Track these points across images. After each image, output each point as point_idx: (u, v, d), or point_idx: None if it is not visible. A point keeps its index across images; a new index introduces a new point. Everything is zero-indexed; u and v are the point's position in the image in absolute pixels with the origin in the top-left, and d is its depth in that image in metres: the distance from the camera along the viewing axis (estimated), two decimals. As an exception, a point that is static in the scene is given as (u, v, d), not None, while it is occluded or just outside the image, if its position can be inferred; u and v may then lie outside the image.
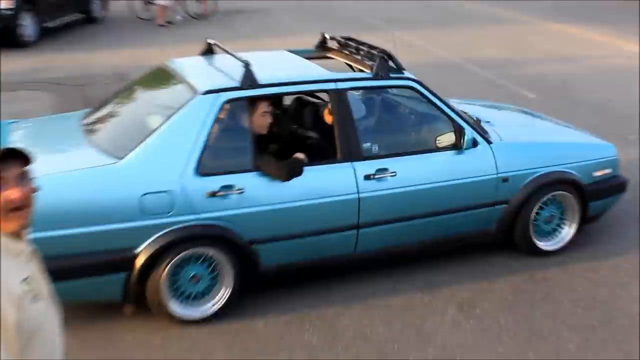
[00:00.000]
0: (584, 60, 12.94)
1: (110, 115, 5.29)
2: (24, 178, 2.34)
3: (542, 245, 5.69)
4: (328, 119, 5.27)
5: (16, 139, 5.06)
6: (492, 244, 5.65)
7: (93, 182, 4.43)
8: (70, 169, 4.50)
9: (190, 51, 6.07)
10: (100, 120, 5.22)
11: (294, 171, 4.76)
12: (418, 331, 4.73)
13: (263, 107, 4.95)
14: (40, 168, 4.41)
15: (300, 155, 4.93)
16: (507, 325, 4.81)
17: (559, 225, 5.75)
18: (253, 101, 4.88)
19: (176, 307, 4.67)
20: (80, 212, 4.33)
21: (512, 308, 5.02)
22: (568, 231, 5.75)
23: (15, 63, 11.79)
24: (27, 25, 13.10)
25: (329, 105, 5.17)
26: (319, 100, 5.82)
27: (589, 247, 5.88)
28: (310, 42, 6.24)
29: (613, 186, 5.94)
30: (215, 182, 4.58)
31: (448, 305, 5.04)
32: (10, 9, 12.53)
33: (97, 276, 4.42)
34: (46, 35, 13.84)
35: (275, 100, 5.35)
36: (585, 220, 5.80)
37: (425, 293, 5.18)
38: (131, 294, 4.54)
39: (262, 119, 4.95)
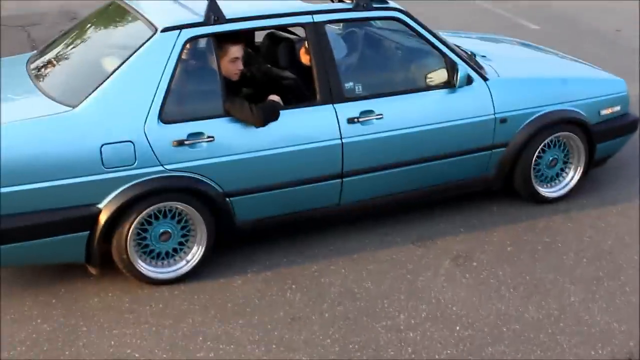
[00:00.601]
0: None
1: (60, 57, 5.34)
2: None
3: (545, 191, 5.87)
4: (305, 58, 5.36)
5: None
6: (490, 191, 5.82)
7: (45, 132, 4.52)
8: (19, 119, 4.58)
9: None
10: (49, 63, 5.28)
11: (270, 115, 4.87)
12: (410, 287, 4.92)
13: (233, 51, 5.02)
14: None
15: (275, 98, 5.03)
16: (506, 279, 5.01)
17: (562, 170, 5.93)
18: (220, 41, 4.96)
19: (146, 267, 4.83)
20: (33, 165, 4.44)
21: (511, 260, 5.21)
22: (573, 176, 5.94)
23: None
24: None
25: (306, 42, 5.27)
26: (294, 36, 5.90)
27: (596, 193, 6.07)
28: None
29: (622, 125, 6.09)
30: (182, 130, 4.69)
31: (442, 258, 5.23)
32: None
33: (56, 236, 4.54)
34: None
35: (247, 40, 5.40)
36: (591, 164, 5.98)
37: (417, 245, 5.37)
38: (95, 254, 4.68)
39: (232, 66, 5.03)
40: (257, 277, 5.01)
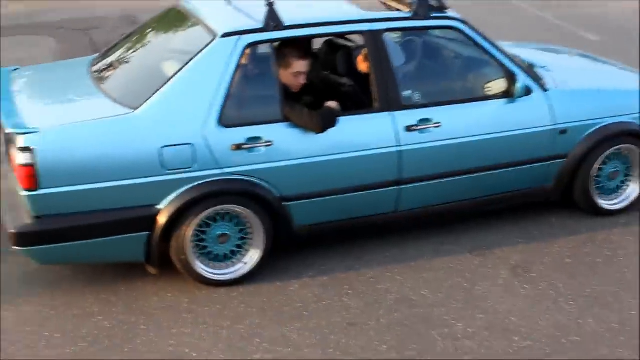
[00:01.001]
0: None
1: (122, 61, 5.43)
2: None
3: (605, 203, 5.81)
4: (363, 65, 5.38)
5: (19, 88, 5.25)
6: (549, 202, 5.78)
7: (106, 133, 4.61)
8: (81, 120, 4.67)
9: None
10: (111, 66, 5.37)
11: (328, 122, 4.90)
12: (467, 296, 4.90)
13: (298, 66, 5.07)
14: (48, 119, 4.66)
15: (332, 104, 5.05)
16: (565, 291, 4.96)
17: (623, 182, 5.86)
18: (285, 54, 5.01)
19: (204, 269, 4.88)
20: (95, 166, 4.53)
21: (571, 272, 5.17)
22: (634, 189, 5.86)
23: (10, 5, 11.97)
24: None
25: (364, 50, 5.29)
26: (352, 44, 5.92)
27: (657, 206, 6.00)
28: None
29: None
30: (241, 134, 4.75)
31: (500, 268, 5.20)
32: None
33: (117, 235, 4.63)
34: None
35: (309, 55, 5.43)
36: (653, 177, 5.90)
37: (475, 255, 5.35)
38: (154, 254, 4.75)
39: (294, 79, 5.09)
40: (314, 281, 5.04)
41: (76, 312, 4.72)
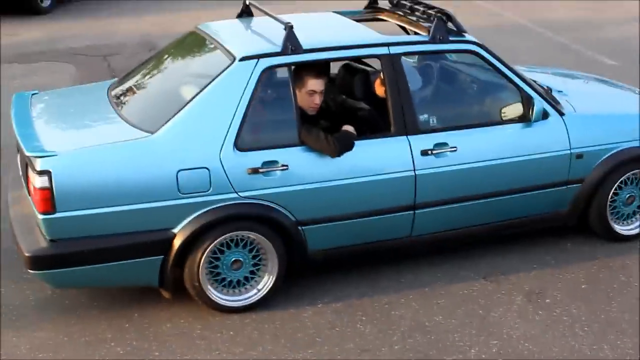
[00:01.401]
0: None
1: (140, 85, 5.46)
2: None
3: (621, 229, 5.77)
4: (380, 90, 5.37)
5: (37, 113, 5.28)
6: (564, 227, 5.74)
7: (124, 157, 4.62)
8: (99, 144, 4.68)
9: (223, 16, 6.21)
10: (129, 91, 5.39)
11: (345, 146, 4.90)
12: (481, 322, 4.86)
13: (311, 84, 5.05)
14: (65, 143, 4.69)
15: (348, 128, 5.05)
16: (580, 317, 4.92)
17: (639, 208, 5.81)
18: (300, 72, 5.01)
19: (216, 295, 4.87)
20: (111, 189, 4.53)
21: (586, 298, 5.12)
22: (650, 214, 5.83)
23: (31, 32, 12.15)
24: (42, -10, 13.44)
25: (381, 74, 5.28)
26: (369, 68, 5.93)
27: (674, 232, 5.93)
28: (360, 3, 6.35)
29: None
30: (257, 158, 4.74)
31: (515, 293, 5.16)
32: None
33: (131, 259, 4.63)
34: (63, 1, 14.12)
35: (325, 74, 5.44)
36: (670, 202, 5.86)
37: (490, 280, 5.32)
38: (168, 279, 4.75)
39: (308, 98, 5.06)
40: (327, 307, 5.01)
41: (89, 339, 4.71)
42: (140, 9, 13.92)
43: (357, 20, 5.73)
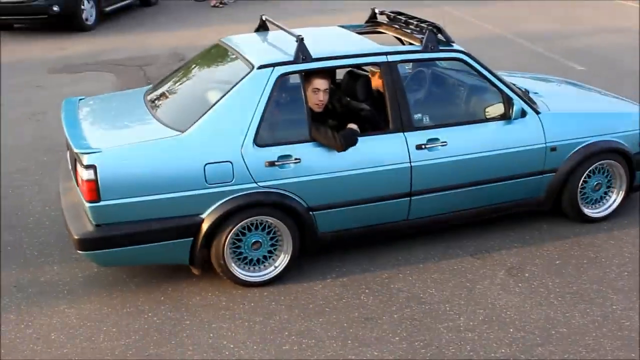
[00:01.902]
0: (633, 31, 12.74)
1: (171, 91, 5.45)
2: None
3: (589, 212, 5.74)
4: (376, 82, 5.35)
5: (84, 115, 5.28)
6: (541, 211, 5.70)
7: (158, 153, 4.62)
8: (137, 141, 4.69)
9: (243, 30, 6.20)
10: (162, 95, 5.38)
11: (350, 141, 4.88)
12: (469, 294, 4.85)
13: (315, 83, 5.02)
14: (108, 141, 4.71)
15: (353, 126, 5.04)
16: (554, 288, 4.90)
17: (606, 193, 5.79)
18: (308, 76, 5.00)
19: (239, 271, 4.87)
20: (147, 180, 4.54)
21: (559, 272, 5.10)
22: (615, 199, 5.79)
23: (78, 46, 12.18)
24: (87, 10, 13.42)
25: (377, 73, 5.28)
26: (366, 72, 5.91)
27: (636, 214, 5.90)
28: (361, 19, 6.33)
29: (660, 155, 5.93)
30: (273, 152, 4.74)
31: (498, 269, 5.14)
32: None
33: (165, 241, 4.63)
34: (105, 19, 14.14)
35: (329, 75, 5.42)
36: (632, 189, 5.83)
37: (476, 257, 5.29)
38: (198, 258, 4.75)
39: (313, 95, 5.03)
40: (335, 282, 5.00)
41: (130, 310, 4.73)
42: (170, 26, 13.95)
43: (359, 33, 5.70)
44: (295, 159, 4.77)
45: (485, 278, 5.03)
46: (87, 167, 4.44)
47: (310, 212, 4.87)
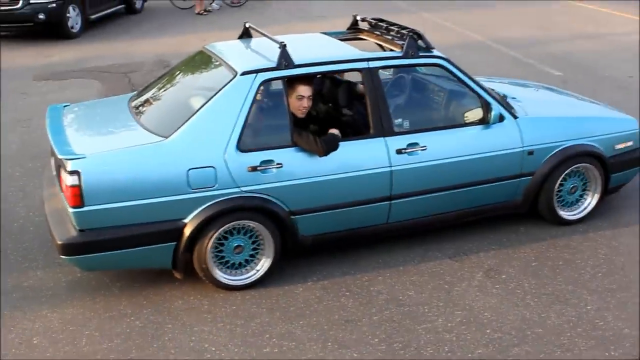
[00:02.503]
0: (607, 37, 12.85)
1: (155, 97, 5.43)
2: None
3: (565, 214, 5.76)
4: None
5: (68, 122, 5.25)
6: (518, 214, 5.72)
7: (142, 158, 4.60)
8: (121, 147, 4.67)
9: (227, 37, 6.19)
10: (146, 102, 5.36)
11: (331, 146, 4.88)
12: (447, 295, 4.86)
13: (299, 90, 5.02)
14: (92, 147, 4.69)
15: (334, 131, 5.04)
16: (531, 289, 4.92)
17: (581, 196, 5.81)
18: (291, 81, 5.00)
19: (221, 275, 4.85)
20: (131, 186, 4.52)
21: (536, 273, 5.12)
22: (590, 201, 5.82)
23: (63, 54, 12.10)
24: (73, 18, 13.36)
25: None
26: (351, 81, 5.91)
27: (611, 216, 5.93)
28: (343, 25, 6.34)
29: (634, 158, 5.96)
30: (256, 158, 4.73)
31: (475, 271, 5.16)
32: (56, 2, 12.77)
33: (148, 245, 4.61)
34: (90, 26, 14.07)
35: (312, 82, 5.42)
36: (607, 191, 5.87)
37: (454, 260, 5.31)
38: (180, 262, 4.74)
39: (297, 102, 5.03)
40: (316, 285, 5.00)
41: (113, 314, 4.70)
42: (155, 33, 13.89)
43: (341, 39, 5.70)
44: (278, 163, 4.77)
45: (463, 280, 5.04)
46: (71, 172, 4.42)
47: (292, 216, 4.87)
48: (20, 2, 12.59)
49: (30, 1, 12.64)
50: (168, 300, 4.83)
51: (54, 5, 12.78)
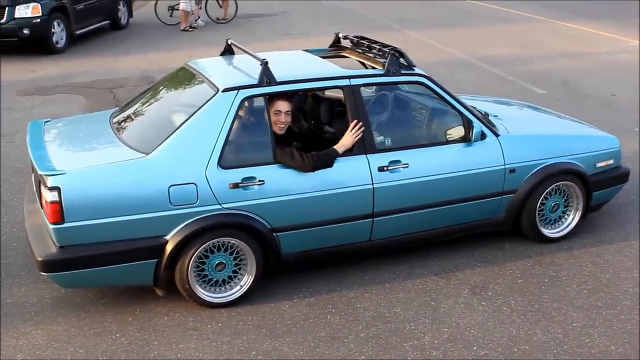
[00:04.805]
0: (590, 56, 12.90)
1: (137, 113, 5.38)
2: None
3: (547, 232, 5.73)
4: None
5: (49, 137, 5.19)
6: (503, 231, 5.69)
7: (123, 175, 4.53)
8: (101, 163, 4.61)
9: (212, 53, 6.15)
10: (128, 118, 5.31)
11: (324, 162, 4.85)
12: (433, 312, 4.81)
13: (277, 105, 4.96)
14: (73, 163, 4.62)
15: (341, 148, 4.95)
16: (517, 307, 4.88)
17: (564, 214, 5.79)
18: (271, 98, 4.95)
19: (203, 293, 4.78)
20: (112, 202, 4.45)
21: (521, 290, 5.08)
22: (572, 219, 5.79)
23: (48, 69, 12.01)
24: (58, 33, 13.28)
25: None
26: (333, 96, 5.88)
27: (594, 233, 5.92)
28: (326, 43, 6.31)
29: (615, 176, 5.95)
30: (237, 174, 4.68)
31: (462, 288, 5.11)
32: (41, 17, 12.69)
33: (129, 262, 4.54)
34: (75, 42, 13.99)
35: (294, 98, 5.38)
36: (589, 209, 5.84)
37: (440, 277, 5.26)
38: (161, 279, 4.66)
39: (274, 117, 4.96)
40: (302, 302, 4.94)
41: (97, 331, 4.62)
42: (141, 48, 13.80)
43: (323, 57, 5.67)
44: (259, 180, 4.71)
45: (449, 297, 4.99)
46: (52, 188, 4.35)
47: (274, 233, 4.81)
48: (5, 17, 12.52)
49: (15, 16, 12.57)
50: (154, 317, 4.75)
51: (39, 20, 12.69)
